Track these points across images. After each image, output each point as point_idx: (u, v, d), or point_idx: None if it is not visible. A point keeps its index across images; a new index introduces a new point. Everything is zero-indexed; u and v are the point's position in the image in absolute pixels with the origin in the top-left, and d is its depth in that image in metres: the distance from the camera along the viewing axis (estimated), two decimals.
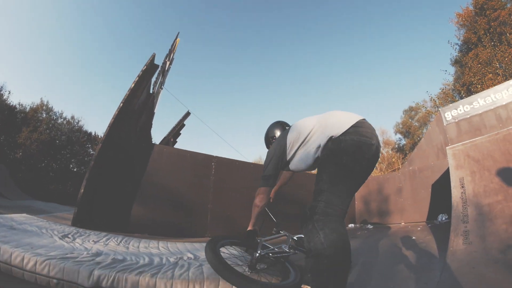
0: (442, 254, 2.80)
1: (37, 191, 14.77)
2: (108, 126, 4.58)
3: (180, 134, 10.14)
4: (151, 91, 6.76)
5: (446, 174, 5.85)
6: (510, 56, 12.72)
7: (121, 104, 4.78)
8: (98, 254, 2.15)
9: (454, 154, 3.43)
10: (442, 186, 6.12)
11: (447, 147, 3.67)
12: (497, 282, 1.86)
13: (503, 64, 13.07)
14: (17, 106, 18.88)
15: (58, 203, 11.95)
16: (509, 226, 2.47)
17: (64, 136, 20.02)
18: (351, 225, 7.28)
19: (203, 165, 5.48)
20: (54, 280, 1.71)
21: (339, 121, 1.70)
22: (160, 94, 7.57)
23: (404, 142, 27.12)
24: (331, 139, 1.65)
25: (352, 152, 1.58)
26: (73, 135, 20.39)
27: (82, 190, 4.15)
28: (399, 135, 28.61)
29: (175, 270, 1.93)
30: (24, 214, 3.63)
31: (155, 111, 7.69)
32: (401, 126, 27.99)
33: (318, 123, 1.81)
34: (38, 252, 1.87)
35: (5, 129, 17.04)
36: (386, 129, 36.80)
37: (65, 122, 20.88)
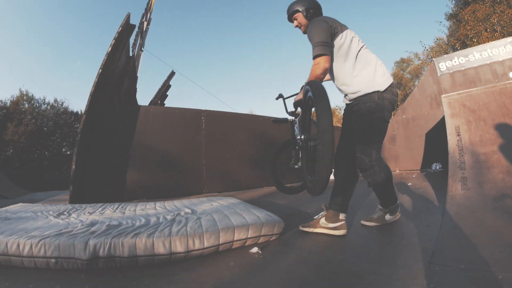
0: (440, 199, 2.91)
1: (35, 183, 14.54)
2: (90, 95, 4.37)
3: (167, 95, 9.78)
4: (130, 54, 6.44)
5: (440, 123, 5.95)
6: (510, 15, 12.28)
7: (100, 70, 4.54)
8: (93, 224, 2.07)
9: (450, 102, 3.43)
10: (435, 135, 6.25)
11: (442, 96, 3.66)
12: (497, 227, 1.91)
13: (502, 22, 12.64)
14: None
15: (58, 190, 11.85)
16: (505, 175, 2.57)
17: (51, 122, 19.46)
18: None
19: (193, 120, 5.35)
20: (52, 260, 1.62)
21: (383, 76, 1.98)
22: (141, 57, 7.26)
23: None
24: (377, 93, 1.92)
25: (390, 109, 1.98)
26: (59, 118, 19.79)
27: (74, 166, 4.04)
28: None
29: (172, 227, 1.86)
30: (20, 204, 3.48)
31: (137, 74, 7.40)
32: (392, 77, 27.65)
33: (369, 59, 2.03)
34: (33, 235, 1.76)
35: None
36: None
37: (49, 107, 20.13)
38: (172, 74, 8.66)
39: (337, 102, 27.22)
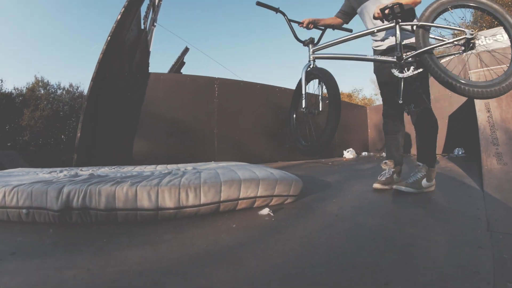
0: (474, 177, 2.67)
1: (51, 166, 14.77)
2: (98, 62, 4.15)
3: (181, 73, 9.48)
4: (142, 27, 6.20)
5: (465, 106, 5.46)
6: None
7: (109, 37, 4.32)
8: (77, 175, 1.77)
9: (478, 78, 3.26)
10: (459, 118, 5.79)
11: (470, 71, 3.51)
12: None
13: None
14: (13, 91, 18.15)
15: None
16: None
17: (67, 106, 19.58)
18: (364, 153, 6.86)
19: (205, 88, 5.02)
20: (24, 211, 1.35)
21: None
22: (154, 32, 7.01)
23: None
24: None
25: None
26: (75, 102, 19.93)
27: (79, 134, 3.87)
28: None
29: (164, 178, 1.52)
30: (20, 168, 3.24)
31: (150, 49, 7.15)
32: None
33: None
34: (10, 184, 1.48)
35: (8, 117, 16.60)
36: None
37: (64, 92, 20.15)
38: (186, 50, 8.30)
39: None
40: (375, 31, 1.83)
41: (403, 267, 0.92)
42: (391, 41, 1.95)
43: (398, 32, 1.69)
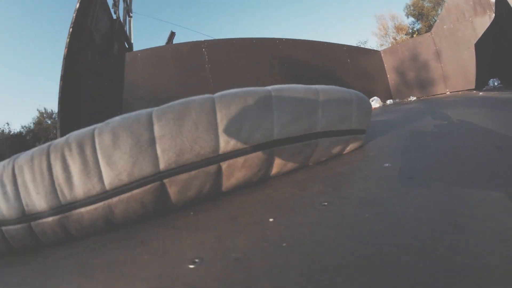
0: None
1: None
2: (63, 58, 3.71)
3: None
4: (114, 17, 5.70)
5: (491, 31, 4.76)
6: None
7: (71, 28, 3.87)
8: None
9: None
10: (486, 46, 5.11)
11: None
12: None
13: None
14: (22, 130, 19.21)
15: None
16: None
17: None
18: (389, 101, 6.26)
19: (192, 55, 4.56)
20: None
21: None
22: (131, 23, 6.55)
23: (419, 26, 24.19)
24: None
25: None
26: None
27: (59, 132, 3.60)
28: (412, 18, 25.46)
29: None
30: None
31: (132, 41, 6.66)
32: (412, 8, 24.73)
33: None
34: None
35: None
36: (396, 13, 32.85)
37: None
38: (173, 35, 7.64)
39: None
40: None
41: None
42: None
43: None
